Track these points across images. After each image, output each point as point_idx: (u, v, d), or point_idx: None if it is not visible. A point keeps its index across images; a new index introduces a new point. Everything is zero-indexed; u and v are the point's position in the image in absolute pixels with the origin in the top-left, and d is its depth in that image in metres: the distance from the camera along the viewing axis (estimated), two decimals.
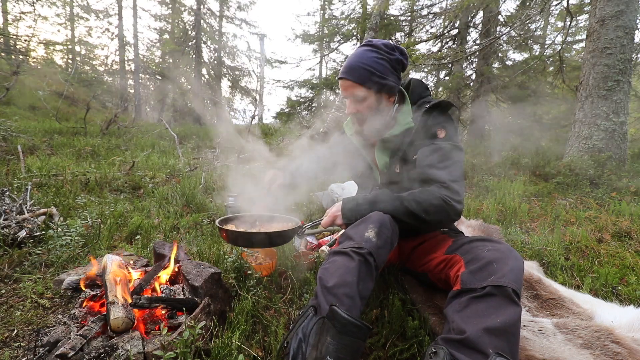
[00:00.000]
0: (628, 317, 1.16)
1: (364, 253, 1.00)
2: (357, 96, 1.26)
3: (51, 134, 5.82)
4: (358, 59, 1.24)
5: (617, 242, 2.28)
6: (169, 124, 8.10)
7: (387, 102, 1.30)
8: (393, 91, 1.29)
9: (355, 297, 0.94)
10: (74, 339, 0.98)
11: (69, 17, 14.78)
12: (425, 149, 1.23)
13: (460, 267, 1.04)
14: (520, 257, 1.00)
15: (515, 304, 0.88)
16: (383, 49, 1.24)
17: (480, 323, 0.84)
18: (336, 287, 0.94)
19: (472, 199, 3.39)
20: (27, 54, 12.18)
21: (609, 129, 4.00)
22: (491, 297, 0.89)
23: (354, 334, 0.87)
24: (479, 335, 0.82)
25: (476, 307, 0.89)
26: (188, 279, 1.25)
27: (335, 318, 0.88)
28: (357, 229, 1.09)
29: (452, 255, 1.13)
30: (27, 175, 3.00)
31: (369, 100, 1.26)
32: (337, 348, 0.85)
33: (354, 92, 1.26)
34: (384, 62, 1.24)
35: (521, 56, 8.12)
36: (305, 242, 2.05)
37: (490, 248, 1.03)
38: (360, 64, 1.23)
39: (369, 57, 1.23)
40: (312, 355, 0.87)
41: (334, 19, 9.81)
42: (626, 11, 3.94)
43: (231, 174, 3.75)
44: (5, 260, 1.63)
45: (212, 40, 15.85)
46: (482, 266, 0.97)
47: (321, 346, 0.86)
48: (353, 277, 0.96)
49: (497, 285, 0.89)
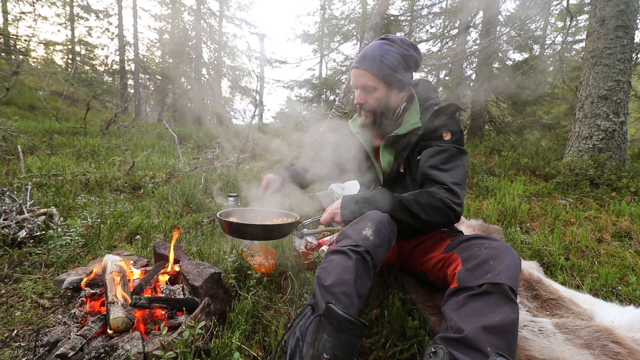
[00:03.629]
0: (628, 317, 1.16)
1: (362, 251, 1.00)
2: (367, 87, 1.26)
3: (51, 134, 5.82)
4: (373, 50, 1.24)
5: (617, 242, 2.28)
6: (169, 124, 8.09)
7: (396, 98, 1.29)
8: (403, 87, 1.28)
9: (353, 295, 0.94)
10: (74, 339, 0.98)
11: (69, 17, 14.78)
12: (430, 150, 1.22)
13: (457, 266, 1.04)
14: (516, 254, 1.01)
15: (512, 301, 0.88)
16: (399, 44, 1.25)
17: (477, 321, 0.85)
18: (334, 286, 0.94)
19: (472, 199, 3.39)
20: (27, 54, 12.19)
21: (609, 129, 4.00)
22: (488, 295, 0.89)
23: (350, 331, 0.87)
24: (476, 334, 0.82)
25: (473, 305, 0.89)
26: (188, 279, 1.25)
27: (331, 315, 0.88)
28: (355, 228, 1.09)
29: (450, 253, 1.13)
30: (27, 175, 3.00)
31: (378, 92, 1.26)
32: (334, 345, 0.85)
33: (365, 82, 1.25)
34: (399, 56, 1.24)
35: (521, 56, 8.12)
36: (305, 242, 2.05)
37: (486, 246, 1.03)
38: (375, 55, 1.23)
39: (384, 49, 1.23)
40: (309, 353, 0.87)
41: (334, 19, 9.82)
42: (626, 11, 3.94)
43: (232, 174, 3.75)
44: (5, 260, 1.63)
45: (212, 40, 15.85)
46: (479, 264, 0.97)
47: (318, 343, 0.87)
48: (350, 275, 0.96)
49: (494, 282, 0.90)
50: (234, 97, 17.37)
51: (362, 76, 1.25)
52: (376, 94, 1.26)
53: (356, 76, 1.28)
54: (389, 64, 1.22)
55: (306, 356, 0.87)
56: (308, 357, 0.87)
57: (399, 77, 1.24)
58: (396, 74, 1.23)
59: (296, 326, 0.95)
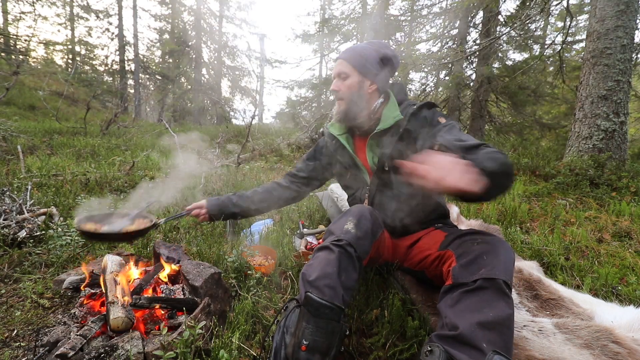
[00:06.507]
0: (628, 317, 1.15)
1: (343, 244, 1.03)
2: (342, 73, 1.35)
3: (51, 134, 5.83)
4: (353, 46, 1.40)
5: (617, 242, 2.28)
6: (169, 124, 8.09)
7: (368, 89, 1.35)
8: (375, 79, 1.35)
9: (337, 287, 0.96)
10: (74, 339, 0.98)
11: (69, 17, 14.78)
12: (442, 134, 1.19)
13: (452, 262, 1.05)
14: (510, 248, 1.00)
15: (507, 296, 0.89)
16: (377, 44, 1.38)
17: (472, 318, 0.85)
18: (318, 280, 0.96)
19: None
20: (27, 54, 12.19)
21: (609, 129, 4.00)
22: (483, 291, 0.89)
23: (327, 315, 0.89)
24: (472, 330, 0.82)
25: (468, 301, 0.89)
26: (188, 279, 1.25)
27: (309, 304, 0.91)
28: (338, 224, 1.14)
29: (445, 251, 1.14)
30: (27, 175, 3.01)
31: (351, 79, 1.34)
32: (313, 331, 0.87)
33: (340, 69, 1.35)
34: (374, 52, 1.35)
35: (521, 56, 8.11)
36: (305, 242, 2.05)
37: (479, 241, 1.03)
38: (353, 48, 1.38)
39: (362, 46, 1.38)
40: (291, 343, 0.89)
41: (334, 19, 9.80)
42: (626, 11, 3.93)
43: (232, 174, 3.75)
44: (5, 260, 1.63)
45: (212, 40, 15.86)
46: (473, 259, 0.97)
47: (298, 332, 0.89)
48: (333, 268, 0.98)
49: (488, 278, 0.90)
50: (234, 97, 17.38)
51: (339, 65, 1.36)
52: (349, 80, 1.34)
53: (336, 66, 1.39)
54: (363, 55, 1.34)
55: (289, 346, 0.89)
56: (290, 347, 0.88)
57: (370, 68, 1.33)
58: (369, 65, 1.33)
59: (282, 321, 0.96)
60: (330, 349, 0.88)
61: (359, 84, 1.34)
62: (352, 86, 1.34)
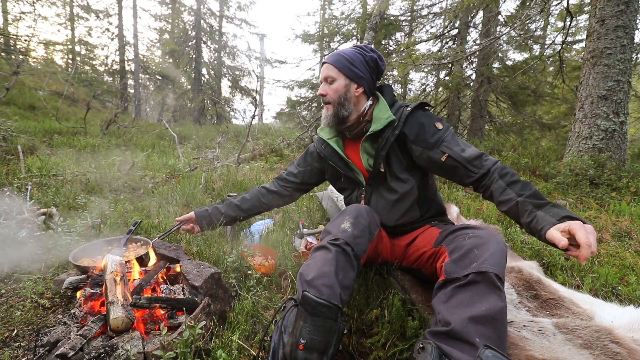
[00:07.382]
0: (628, 317, 1.15)
1: (340, 243, 1.04)
2: (329, 77, 1.35)
3: (51, 134, 5.83)
4: (339, 51, 1.39)
5: (617, 242, 2.28)
6: (169, 124, 8.10)
7: (355, 92, 1.35)
8: (361, 82, 1.35)
9: (335, 286, 0.96)
10: (74, 338, 0.98)
11: (69, 17, 14.78)
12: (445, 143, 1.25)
13: (444, 258, 1.05)
14: (502, 241, 1.00)
15: (499, 289, 0.89)
16: (363, 48, 1.38)
17: (464, 312, 0.85)
18: (315, 279, 0.96)
19: (472, 199, 3.39)
20: (27, 54, 12.18)
21: (609, 129, 3.99)
22: (474, 285, 0.89)
23: (324, 314, 0.89)
24: (464, 325, 0.82)
25: (460, 296, 0.89)
26: (188, 279, 1.25)
27: (306, 302, 0.91)
28: (334, 223, 1.14)
29: (439, 247, 1.15)
30: (27, 175, 3.01)
31: (337, 83, 1.34)
32: (310, 330, 0.87)
33: (327, 73, 1.36)
34: (360, 56, 1.35)
35: (521, 56, 8.12)
36: (305, 242, 2.05)
37: (470, 235, 1.04)
38: (339, 52, 1.37)
39: (349, 50, 1.38)
40: (289, 342, 0.89)
41: (334, 19, 9.80)
42: (626, 11, 3.93)
43: (232, 174, 3.74)
44: (5, 259, 1.63)
45: (212, 40, 15.85)
46: (464, 254, 0.98)
47: (296, 331, 0.89)
48: (331, 267, 0.99)
49: (479, 272, 0.90)
50: (234, 97, 17.37)
51: (325, 69, 1.37)
52: (335, 84, 1.35)
53: (323, 70, 1.39)
54: (349, 59, 1.34)
55: (287, 345, 0.89)
56: (288, 346, 0.88)
57: (356, 71, 1.33)
58: (354, 68, 1.33)
59: (279, 321, 0.96)
60: (328, 348, 0.88)
61: (346, 87, 1.34)
62: (339, 90, 1.34)
